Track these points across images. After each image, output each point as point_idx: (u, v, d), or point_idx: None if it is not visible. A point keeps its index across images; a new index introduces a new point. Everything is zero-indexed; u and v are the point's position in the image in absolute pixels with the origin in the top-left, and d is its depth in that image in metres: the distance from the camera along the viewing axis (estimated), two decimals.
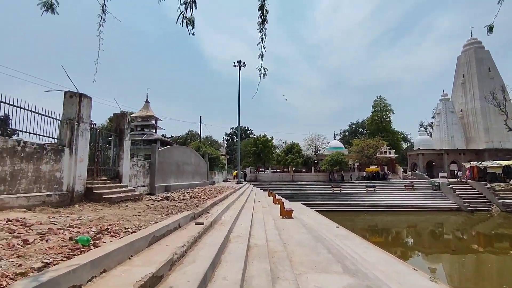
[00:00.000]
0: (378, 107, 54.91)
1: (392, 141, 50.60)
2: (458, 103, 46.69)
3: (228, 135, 80.00)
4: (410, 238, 18.73)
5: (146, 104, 37.49)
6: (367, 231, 19.37)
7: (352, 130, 72.73)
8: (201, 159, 21.24)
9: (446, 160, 43.09)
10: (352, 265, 5.25)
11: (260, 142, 39.74)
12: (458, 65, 47.53)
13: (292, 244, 7.00)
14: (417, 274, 6.27)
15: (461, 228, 20.75)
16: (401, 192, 30.36)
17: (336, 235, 9.99)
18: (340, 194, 30.50)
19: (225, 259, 4.22)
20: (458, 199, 27.22)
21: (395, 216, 24.45)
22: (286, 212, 11.92)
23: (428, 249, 15.52)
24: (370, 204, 27.59)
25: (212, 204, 8.52)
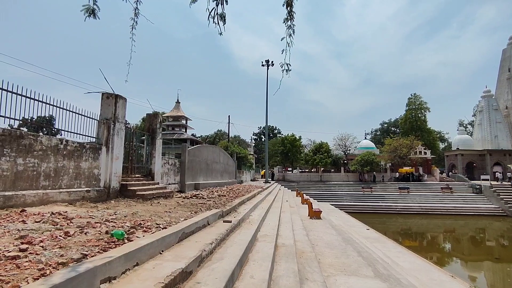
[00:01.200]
0: (412, 105, 52.23)
1: (428, 140, 47.88)
2: (502, 100, 43.13)
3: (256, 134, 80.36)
4: (447, 243, 17.62)
5: (176, 104, 38.68)
6: (400, 235, 18.51)
7: (384, 130, 69.85)
8: (229, 158, 21.50)
9: (489, 161, 39.94)
10: (384, 269, 5.01)
11: (288, 141, 39.48)
12: (504, 58, 43.91)
13: (320, 245, 6.86)
14: (456, 282, 5.87)
15: (506, 235, 19.15)
16: (437, 194, 28.67)
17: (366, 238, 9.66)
18: (371, 195, 29.44)
19: (253, 258, 4.21)
20: (502, 204, 25.15)
21: (430, 220, 23.12)
22: (314, 212, 11.71)
23: (468, 256, 14.50)
24: (403, 206, 26.34)
25: (240, 202, 8.58)
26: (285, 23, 3.15)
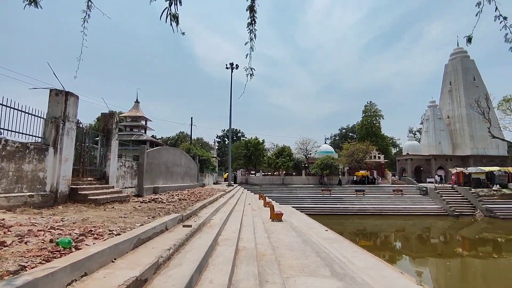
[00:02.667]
0: (368, 112, 55.74)
1: (382, 146, 51.37)
2: (445, 110, 47.76)
3: (219, 137, 79.74)
4: (398, 242, 18.93)
5: (136, 104, 37.01)
6: (356, 235, 19.50)
7: (343, 135, 73.44)
8: (191, 161, 21.05)
9: (434, 165, 43.93)
10: (341, 268, 5.23)
11: (251, 144, 39.75)
12: (446, 73, 48.70)
13: (281, 247, 6.96)
14: (404, 278, 6.31)
15: (446, 233, 21.11)
16: (389, 196, 30.74)
17: (325, 239, 10.01)
18: (330, 197, 30.69)
19: (213, 262, 4.14)
20: (444, 204, 27.73)
21: (383, 220, 24.71)
22: (276, 215, 11.89)
23: (415, 253, 15.71)
24: (359, 208, 27.83)
25: (201, 206, 8.41)
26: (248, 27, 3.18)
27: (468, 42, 3.07)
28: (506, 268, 13.47)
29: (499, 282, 11.44)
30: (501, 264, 13.94)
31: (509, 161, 41.72)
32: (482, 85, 44.78)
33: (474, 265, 13.66)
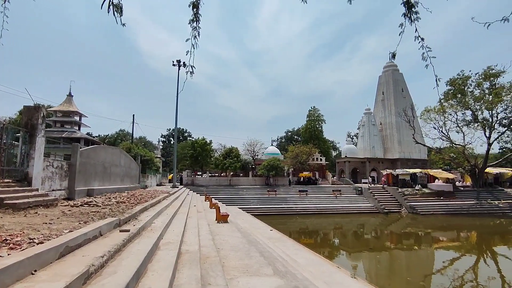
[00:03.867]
0: (312, 116, 58.91)
1: (323, 149, 54.78)
2: (378, 117, 52.87)
3: (164, 136, 76.48)
4: (336, 238, 20.30)
5: (68, 98, 33.53)
6: (299, 234, 20.40)
7: (288, 137, 76.36)
8: (132, 161, 19.78)
9: (368, 167, 48.28)
10: (283, 267, 5.42)
11: (198, 145, 38.92)
12: (379, 83, 53.98)
13: (226, 249, 6.94)
14: (341, 273, 6.80)
15: (377, 229, 23.32)
16: (329, 196, 32.84)
17: (269, 238, 10.27)
18: (275, 198, 31.59)
19: (152, 268, 3.94)
20: (376, 203, 30.61)
21: (324, 219, 26.29)
22: (221, 216, 11.82)
23: (351, 248, 17.02)
24: (302, 207, 29.19)
25: (141, 209, 7.95)
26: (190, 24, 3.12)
27: (392, 58, 3.44)
28: (425, 257, 15.41)
29: (419, 270, 13.04)
30: (421, 255, 15.90)
31: (429, 164, 47.86)
32: (409, 96, 50.67)
33: (400, 256, 15.33)
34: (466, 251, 16.69)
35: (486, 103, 33.85)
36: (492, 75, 34.28)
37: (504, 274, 12.31)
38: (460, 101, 36.00)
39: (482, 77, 34.96)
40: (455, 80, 36.47)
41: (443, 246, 17.85)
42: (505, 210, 29.48)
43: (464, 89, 35.90)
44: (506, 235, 20.85)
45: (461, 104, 36.00)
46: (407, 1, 2.97)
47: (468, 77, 35.87)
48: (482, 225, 23.96)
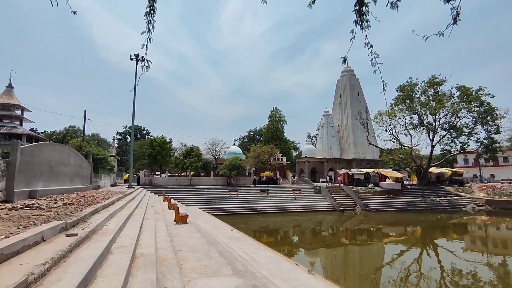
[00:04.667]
0: (273, 117, 59.95)
1: (284, 149, 56.07)
2: (336, 119, 55.41)
3: (120, 134, 72.46)
4: (295, 236, 20.86)
5: (8, 90, 30.29)
6: (260, 232, 20.61)
7: (251, 137, 76.82)
8: (83, 160, 18.42)
9: (326, 167, 50.39)
10: (242, 266, 5.42)
11: (157, 143, 37.44)
12: (337, 87, 56.59)
13: (184, 250, 6.76)
14: (299, 269, 6.98)
15: (334, 226, 24.43)
16: (290, 195, 33.66)
17: (230, 238, 10.22)
18: (237, 198, 31.58)
19: (103, 274, 3.69)
20: (333, 201, 32.05)
21: (284, 217, 26.87)
22: (181, 217, 11.51)
23: (309, 245, 17.61)
24: (263, 206, 29.55)
25: (92, 211, 7.44)
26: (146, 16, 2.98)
27: (343, 62, 3.62)
28: (376, 252, 16.48)
29: (370, 263, 13.91)
30: (372, 249, 16.98)
31: (380, 164, 51.34)
32: (364, 100, 53.84)
33: (353, 251, 16.21)
34: (412, 244, 18.17)
35: (430, 108, 37.22)
36: (436, 83, 37.85)
37: (443, 264, 13.63)
38: (409, 106, 39.18)
39: (427, 85, 38.45)
40: (404, 86, 39.64)
41: (392, 241, 19.25)
42: (445, 206, 32.65)
43: (412, 95, 39.15)
44: (445, 228, 23.10)
45: (409, 109, 39.20)
46: (358, 10, 3.12)
47: (415, 84, 39.18)
48: (426, 220, 26.28)
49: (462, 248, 16.79)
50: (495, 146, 36.49)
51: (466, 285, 10.84)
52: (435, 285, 10.69)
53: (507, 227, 23.30)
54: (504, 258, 14.79)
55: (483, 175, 48.86)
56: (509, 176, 46.75)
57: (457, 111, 36.48)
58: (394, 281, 10.85)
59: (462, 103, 36.16)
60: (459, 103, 36.41)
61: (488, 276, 11.86)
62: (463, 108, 36.24)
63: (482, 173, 49.09)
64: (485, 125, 36.02)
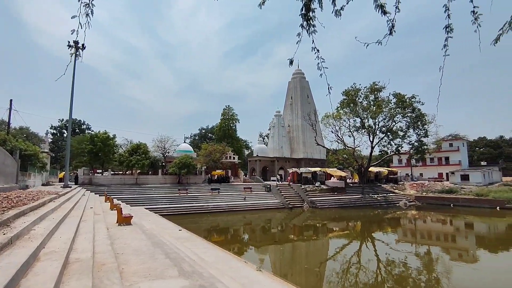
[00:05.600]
0: (226, 115, 59.73)
1: (237, 147, 56.23)
2: (287, 120, 57.20)
3: (55, 128, 65.50)
4: (246, 234, 21.04)
5: None
6: (210, 232, 20.36)
7: (202, 135, 75.50)
8: (7, 156, 16.23)
9: (277, 166, 51.76)
10: (189, 267, 5.26)
11: (99, 139, 34.58)
12: (288, 88, 58.46)
13: (127, 253, 6.35)
14: (248, 267, 7.03)
15: (283, 223, 25.21)
16: (241, 194, 33.84)
17: (178, 238, 9.89)
18: (187, 197, 30.78)
19: (27, 284, 3.27)
20: (282, 199, 33.05)
21: (235, 216, 26.92)
22: (124, 218, 10.81)
23: (259, 243, 17.90)
24: (214, 205, 29.25)
25: (17, 214, 6.57)
26: None
27: (290, 64, 3.72)
28: (320, 246, 17.40)
29: (315, 257, 14.65)
30: (317, 244, 17.90)
31: (327, 163, 54.38)
32: (313, 102, 56.45)
33: (300, 247, 16.90)
34: (353, 238, 19.58)
35: (371, 113, 40.53)
36: (376, 89, 41.32)
37: (379, 255, 14.93)
38: (352, 109, 42.14)
39: (369, 91, 41.79)
40: (349, 91, 42.56)
41: (336, 235, 20.52)
42: (382, 202, 35.84)
43: (356, 100, 42.19)
44: (381, 223, 25.35)
45: (353, 113, 42.18)
46: (304, 14, 3.22)
47: (358, 90, 42.30)
48: (365, 215, 28.53)
49: (395, 240, 18.58)
50: (423, 148, 41.04)
51: (398, 273, 12.02)
52: (372, 274, 11.66)
53: (432, 220, 26.43)
54: (428, 248, 16.74)
55: (414, 174, 54.68)
56: (434, 175, 53.16)
57: (394, 116, 40.31)
58: (336, 273, 11.57)
59: (398, 108, 40.06)
60: (395, 109, 40.28)
61: (416, 264, 13.33)
62: (398, 114, 40.19)
63: (413, 172, 54.91)
64: (416, 129, 40.36)
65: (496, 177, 45.76)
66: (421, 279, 11.07)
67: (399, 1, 3.13)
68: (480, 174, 42.01)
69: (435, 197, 36.31)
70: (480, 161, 59.73)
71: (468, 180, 41.19)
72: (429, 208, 33.32)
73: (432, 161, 55.63)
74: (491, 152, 66.25)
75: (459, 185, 39.84)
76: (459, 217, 27.41)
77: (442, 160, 55.14)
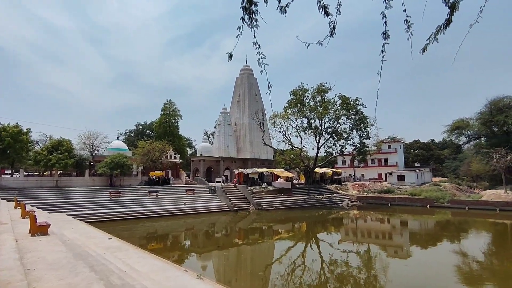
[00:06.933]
0: (167, 110, 57.32)
1: (178, 146, 54.48)
2: (234, 118, 57.37)
3: None
4: (187, 240, 20.49)
5: None
6: (147, 239, 19.35)
7: (139, 132, 71.59)
8: None
9: (222, 166, 51.56)
10: (119, 279, 4.88)
11: (7, 133, 30.35)
12: (236, 85, 58.73)
13: (41, 268, 5.66)
14: (187, 275, 6.80)
15: (227, 226, 25.18)
16: (182, 196, 32.88)
17: (107, 248, 9.18)
18: (120, 201, 28.83)
19: None
20: (228, 201, 33.01)
21: (175, 221, 26.04)
22: (38, 227, 9.66)
23: (202, 249, 17.58)
24: (152, 209, 27.91)
25: None
26: None
27: (229, 59, 3.70)
28: (266, 249, 17.79)
29: (261, 261, 14.91)
30: (263, 247, 18.25)
31: (274, 164, 55.90)
32: (261, 101, 57.53)
33: (245, 251, 17.04)
34: (298, 239, 20.40)
35: (317, 113, 42.84)
36: (323, 90, 43.82)
37: (323, 255, 15.82)
38: (300, 109, 44.04)
39: (316, 91, 44.13)
40: (297, 91, 44.40)
41: (281, 237, 21.18)
42: (326, 203, 38.10)
43: (303, 100, 44.19)
44: (325, 223, 26.94)
45: (300, 113, 44.09)
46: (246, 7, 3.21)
47: (306, 90, 44.37)
48: (310, 216, 30.00)
49: (338, 240, 19.88)
50: (365, 150, 44.76)
51: (340, 272, 12.87)
52: (316, 275, 12.29)
53: (371, 219, 28.95)
54: (368, 246, 18.26)
55: (356, 175, 59.37)
56: (374, 175, 58.35)
57: (339, 117, 43.23)
58: (281, 276, 11.91)
59: (343, 110, 43.05)
60: (340, 110, 43.22)
61: (356, 262, 14.43)
62: (343, 115, 43.20)
63: (355, 173, 59.58)
64: (359, 131, 43.86)
65: (427, 178, 52.15)
66: (361, 277, 12.01)
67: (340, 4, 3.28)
68: (414, 174, 47.43)
69: (375, 197, 39.85)
70: (414, 162, 67.26)
71: (404, 180, 46.17)
72: (369, 207, 36.44)
73: (373, 162, 61.00)
74: (423, 154, 75.10)
75: (396, 185, 44.43)
76: (395, 216, 30.48)
77: (381, 162, 60.85)
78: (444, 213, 31.04)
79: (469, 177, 49.00)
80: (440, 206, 33.33)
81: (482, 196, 34.76)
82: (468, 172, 50.44)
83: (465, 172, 52.29)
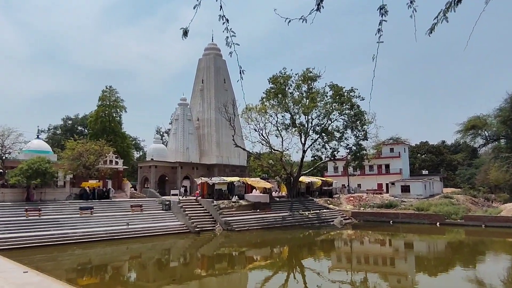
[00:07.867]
0: (107, 100, 55.72)
1: (122, 147, 52.98)
2: (196, 111, 56.98)
3: None
4: (132, 272, 20.17)
5: None
6: (77, 272, 18.90)
7: (68, 128, 69.55)
8: None
9: (180, 174, 51.05)
10: None
11: None
12: (199, 68, 58.43)
13: None
14: None
15: (186, 253, 25.08)
16: (127, 214, 32.24)
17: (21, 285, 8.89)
18: (40, 221, 27.87)
19: None
20: (187, 220, 32.78)
21: (116, 246, 25.52)
22: None
23: (151, 283, 17.37)
24: (85, 232, 27.19)
25: None
26: None
27: (184, 36, 3.75)
28: (237, 282, 17.88)
29: None
30: (233, 279, 18.35)
31: (247, 171, 56.17)
32: (231, 89, 57.65)
33: (210, 284, 17.05)
34: (278, 268, 20.69)
35: (303, 107, 43.46)
36: (310, 78, 44.53)
37: (309, 286, 16.15)
38: (281, 102, 44.48)
39: (301, 79, 44.73)
40: (277, 78, 44.72)
41: (256, 266, 21.37)
42: (314, 221, 38.87)
43: (285, 90, 44.68)
44: (313, 246, 27.52)
45: (282, 106, 44.54)
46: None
47: (289, 77, 44.85)
48: (294, 238, 30.52)
49: (328, 268, 20.36)
50: (362, 154, 46.02)
51: None
52: None
53: (369, 241, 29.94)
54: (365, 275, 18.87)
55: (351, 185, 61.03)
56: (373, 185, 60.14)
57: (330, 112, 44.06)
58: None
59: (335, 103, 43.95)
60: (332, 103, 44.10)
61: None
62: (335, 110, 44.07)
63: (350, 183, 61.16)
64: (354, 130, 44.95)
65: (437, 188, 54.53)
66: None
67: None
68: (421, 184, 49.51)
69: (374, 213, 41.19)
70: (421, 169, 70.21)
71: (409, 191, 48.07)
72: (366, 226, 37.61)
73: (372, 169, 62.98)
74: (432, 159, 78.54)
75: (400, 197, 46.18)
76: (399, 236, 31.71)
77: (382, 168, 62.95)
78: (456, 232, 32.69)
79: (487, 188, 51.62)
80: (452, 224, 35.01)
81: (501, 210, 36.88)
82: (485, 181, 53.16)
83: (481, 181, 55.08)
